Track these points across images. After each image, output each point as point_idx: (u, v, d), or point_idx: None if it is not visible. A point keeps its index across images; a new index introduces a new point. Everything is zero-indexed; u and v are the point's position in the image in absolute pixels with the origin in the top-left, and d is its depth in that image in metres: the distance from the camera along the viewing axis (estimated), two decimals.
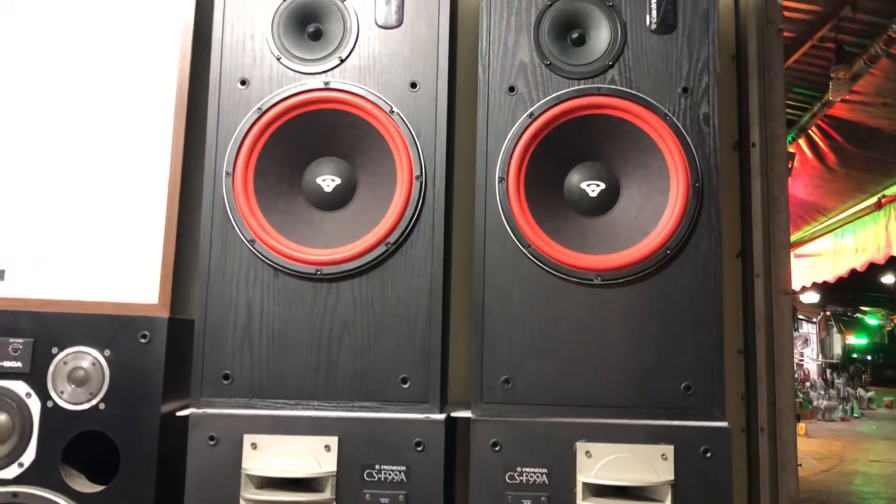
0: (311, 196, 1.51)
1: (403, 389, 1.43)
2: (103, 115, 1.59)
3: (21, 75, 1.60)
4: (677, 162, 1.45)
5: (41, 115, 1.59)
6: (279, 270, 1.46)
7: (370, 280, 1.46)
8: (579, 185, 1.49)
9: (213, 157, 1.49)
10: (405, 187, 1.46)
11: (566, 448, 1.38)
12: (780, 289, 1.71)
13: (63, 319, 1.46)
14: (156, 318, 1.47)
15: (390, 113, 1.47)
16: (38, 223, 1.55)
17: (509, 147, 1.46)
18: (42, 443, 1.43)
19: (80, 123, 1.59)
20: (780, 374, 1.68)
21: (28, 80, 1.60)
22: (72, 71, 1.61)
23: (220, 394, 1.44)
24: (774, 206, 1.73)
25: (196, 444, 1.40)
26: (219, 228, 1.48)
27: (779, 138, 1.76)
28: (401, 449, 1.39)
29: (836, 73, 3.66)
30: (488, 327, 1.43)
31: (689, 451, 1.37)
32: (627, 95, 1.47)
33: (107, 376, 1.45)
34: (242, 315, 1.46)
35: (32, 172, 1.57)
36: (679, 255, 1.44)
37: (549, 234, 1.45)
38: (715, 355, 1.41)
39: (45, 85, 1.60)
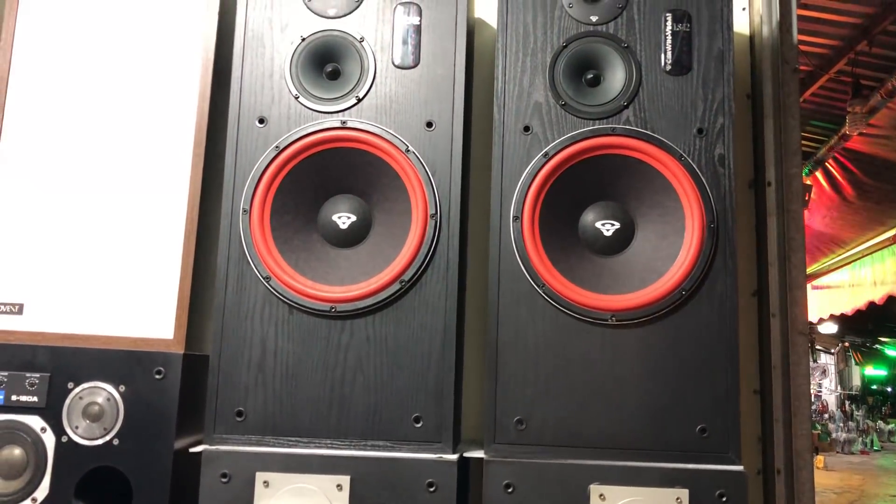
0: (327, 233, 1.52)
1: (416, 429, 1.43)
2: (122, 151, 1.61)
3: (43, 112, 1.63)
4: (692, 202, 1.44)
5: (62, 152, 1.62)
6: (294, 307, 1.47)
7: (384, 318, 1.47)
8: (594, 225, 1.49)
9: (231, 194, 1.51)
10: (420, 225, 1.47)
11: (579, 490, 1.36)
12: (797, 329, 1.69)
13: (79, 354, 1.47)
14: (171, 354, 1.48)
15: (406, 152, 1.49)
16: (56, 258, 1.57)
17: (524, 186, 1.47)
18: (56, 478, 1.44)
19: (99, 159, 1.61)
20: (797, 416, 1.66)
21: (49, 116, 1.63)
22: (92, 108, 1.63)
23: (234, 430, 1.44)
24: (790, 246, 1.73)
25: (208, 482, 1.40)
26: (235, 265, 1.49)
27: (794, 177, 1.76)
28: (413, 489, 1.38)
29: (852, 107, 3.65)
30: (502, 367, 1.43)
31: (704, 494, 1.35)
32: (642, 136, 1.47)
33: (121, 412, 1.45)
34: (257, 351, 1.46)
35: (52, 207, 1.59)
36: (694, 297, 1.43)
37: (564, 274, 1.45)
38: (730, 397, 1.40)
39: (66, 121, 1.63)
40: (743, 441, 1.41)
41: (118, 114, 1.63)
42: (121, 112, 1.63)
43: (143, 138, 1.62)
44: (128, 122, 1.63)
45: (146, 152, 1.61)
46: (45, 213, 1.59)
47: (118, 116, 1.63)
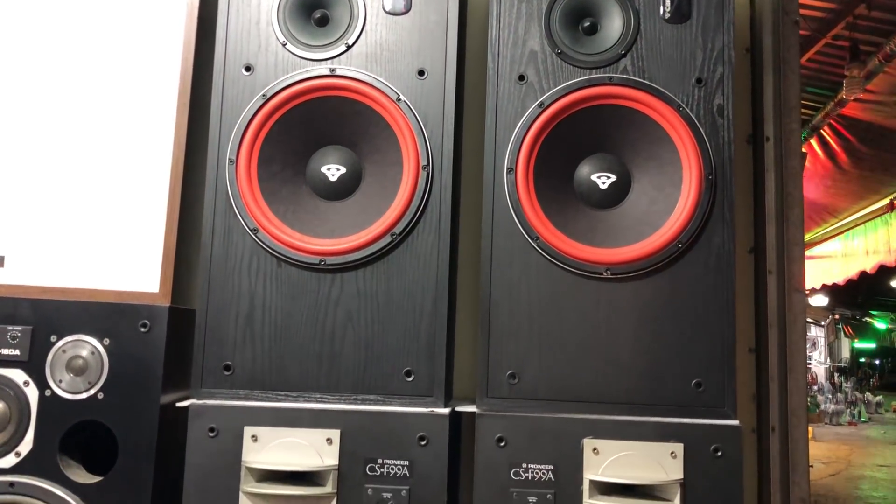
0: (316, 185, 1.48)
1: (407, 383, 1.40)
2: (106, 103, 1.57)
3: (24, 63, 1.58)
4: (690, 154, 1.41)
5: (43, 103, 1.57)
6: (282, 260, 1.44)
7: (375, 271, 1.44)
8: (589, 177, 1.46)
9: (217, 145, 1.46)
10: (411, 177, 1.43)
11: (573, 445, 1.35)
12: (794, 286, 1.67)
13: (62, 307, 1.44)
14: (156, 307, 1.44)
15: (397, 101, 1.45)
16: (38, 210, 1.53)
17: (518, 137, 1.43)
18: (40, 432, 1.41)
19: (82, 110, 1.56)
20: (793, 374, 1.64)
21: (31, 69, 1.58)
22: (74, 59, 1.58)
23: (221, 385, 1.42)
24: (788, 202, 1.70)
25: (196, 436, 1.38)
26: (221, 217, 1.45)
27: (793, 133, 1.73)
28: (404, 443, 1.36)
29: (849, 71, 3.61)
30: (495, 321, 1.40)
31: (699, 449, 1.34)
32: (640, 85, 1.43)
33: (106, 365, 1.42)
34: (244, 305, 1.43)
35: (34, 159, 1.55)
36: (691, 250, 1.41)
37: (558, 227, 1.42)
38: (727, 352, 1.38)
39: (47, 73, 1.58)
40: (738, 400, 1.40)
41: (102, 64, 1.58)
42: (105, 62, 1.58)
43: (127, 88, 1.57)
44: (111, 71, 1.58)
45: (131, 103, 1.56)
46: (26, 164, 1.55)
47: (102, 67, 1.58)
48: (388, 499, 1.34)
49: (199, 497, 1.36)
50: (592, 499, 1.32)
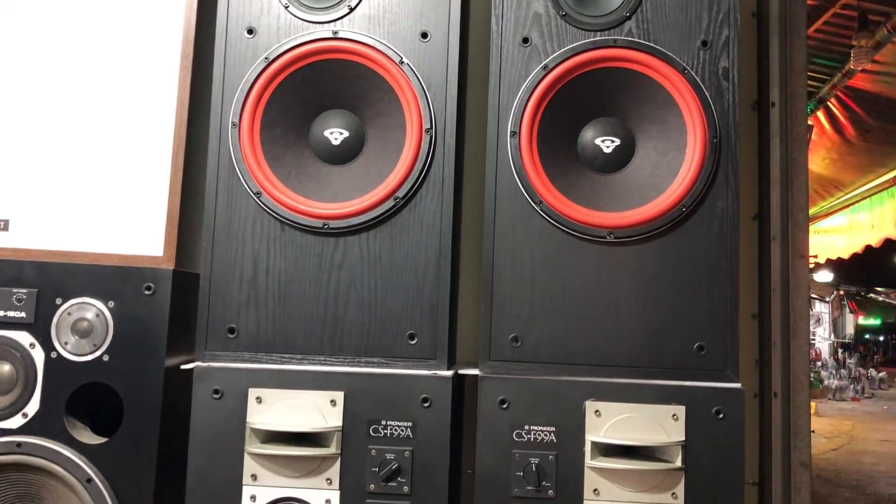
0: (319, 149, 1.48)
1: (411, 346, 1.41)
2: (109, 66, 1.56)
3: (27, 26, 1.57)
4: (695, 117, 1.40)
5: (47, 68, 1.56)
6: (286, 224, 1.44)
7: (378, 235, 1.44)
8: (593, 141, 1.45)
9: (220, 108, 1.46)
10: (415, 141, 1.43)
11: (575, 407, 1.35)
12: (798, 252, 1.67)
13: (67, 270, 1.44)
14: (160, 270, 1.45)
15: (400, 64, 1.44)
16: (43, 174, 1.53)
17: (522, 100, 1.42)
18: (46, 393, 1.42)
19: (85, 74, 1.56)
20: (796, 339, 1.64)
21: (34, 32, 1.57)
22: (77, 22, 1.57)
23: (225, 348, 1.43)
24: (793, 169, 1.69)
25: (200, 398, 1.39)
26: (224, 180, 1.45)
27: (799, 98, 1.72)
28: (407, 405, 1.37)
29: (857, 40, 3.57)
30: (498, 284, 1.41)
31: (700, 411, 1.34)
32: (645, 48, 1.42)
33: (111, 328, 1.43)
34: (248, 269, 1.44)
35: (38, 123, 1.55)
36: (694, 214, 1.40)
37: (562, 191, 1.42)
38: (729, 315, 1.38)
39: (50, 35, 1.57)
40: (740, 366, 1.40)
41: (105, 27, 1.57)
42: (106, 25, 1.57)
43: (130, 51, 1.56)
44: (113, 35, 1.57)
45: (133, 66, 1.56)
46: (30, 128, 1.55)
47: (105, 30, 1.57)
48: (391, 459, 1.35)
49: (204, 458, 1.38)
50: (594, 460, 1.33)
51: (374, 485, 1.35)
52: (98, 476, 1.39)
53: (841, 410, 11.54)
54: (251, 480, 1.36)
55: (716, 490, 1.32)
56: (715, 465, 1.33)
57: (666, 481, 1.33)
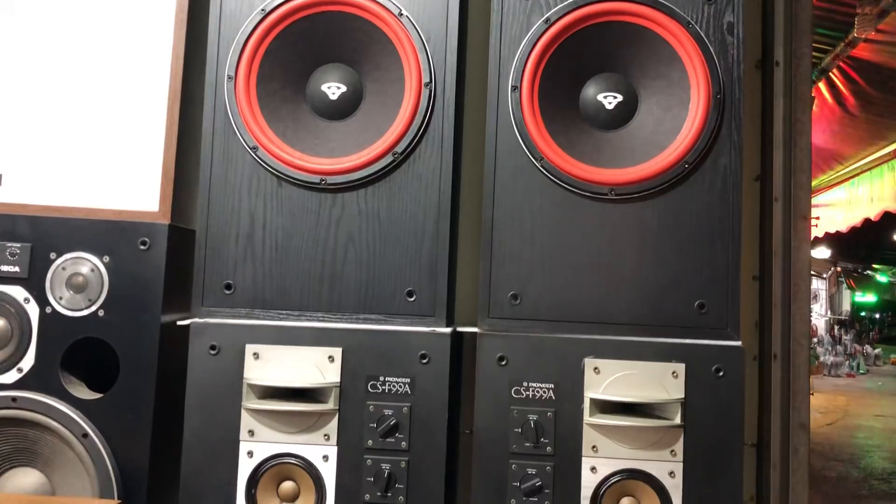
0: (316, 104, 1.45)
1: (409, 303, 1.40)
2: (103, 19, 1.53)
3: None
4: (698, 72, 1.38)
5: (41, 20, 1.53)
6: (282, 179, 1.42)
7: (376, 191, 1.42)
8: (595, 97, 1.43)
9: (215, 61, 1.44)
10: (414, 95, 1.41)
11: (574, 364, 1.34)
12: (800, 213, 1.65)
13: (61, 224, 1.42)
14: (156, 225, 1.43)
15: (399, 16, 1.41)
16: (36, 128, 1.51)
17: (523, 54, 1.40)
18: (41, 348, 1.41)
19: (79, 28, 1.53)
20: (796, 300, 1.63)
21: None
22: None
23: (222, 304, 1.41)
24: (797, 128, 1.67)
25: (197, 353, 1.38)
26: (220, 134, 1.43)
27: (804, 58, 1.69)
28: (406, 361, 1.36)
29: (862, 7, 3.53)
30: (497, 241, 1.39)
31: (700, 369, 1.33)
32: (649, 2, 1.39)
33: (106, 283, 1.41)
34: (245, 224, 1.42)
35: (31, 77, 1.52)
36: (697, 170, 1.38)
37: (563, 147, 1.40)
38: (730, 273, 1.37)
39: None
40: (740, 328, 1.39)
41: None
42: None
43: (124, 3, 1.53)
44: None
45: (127, 18, 1.53)
46: (22, 81, 1.52)
47: None
48: (389, 415, 1.34)
49: (201, 414, 1.37)
50: (593, 417, 1.32)
51: (372, 441, 1.34)
52: (94, 431, 1.38)
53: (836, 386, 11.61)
54: (248, 436, 1.36)
55: (715, 447, 1.32)
56: (714, 423, 1.32)
57: (665, 439, 1.32)
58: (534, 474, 1.32)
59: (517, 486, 1.32)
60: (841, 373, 13.26)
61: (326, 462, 1.35)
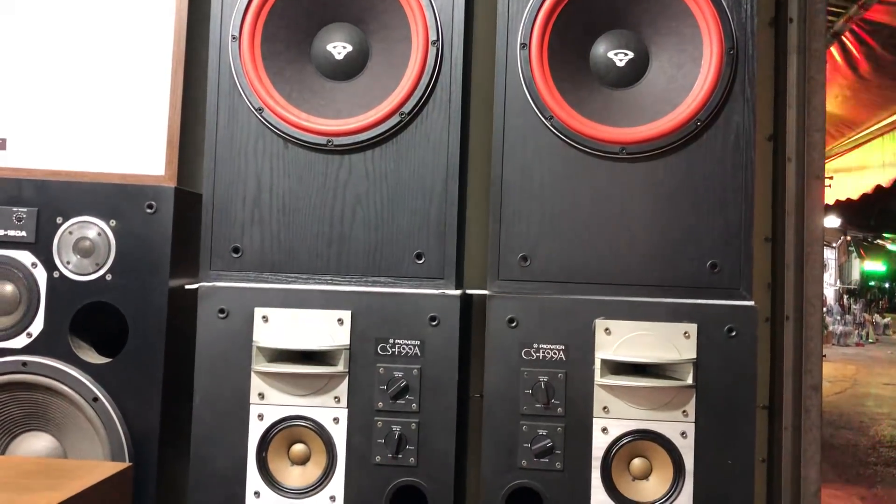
0: (322, 64, 1.43)
1: (418, 265, 1.39)
2: None
3: None
4: (711, 27, 1.35)
5: None
6: (289, 141, 1.40)
7: (384, 152, 1.40)
8: (606, 54, 1.40)
9: (219, 21, 1.41)
10: (420, 54, 1.38)
11: (585, 325, 1.33)
12: (814, 173, 1.63)
13: (67, 188, 1.41)
14: (162, 188, 1.42)
15: None
16: (40, 92, 1.49)
17: (532, 11, 1.37)
18: (49, 313, 1.41)
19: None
20: (809, 261, 1.61)
21: None
22: None
23: (230, 267, 1.40)
24: (811, 86, 1.64)
25: (205, 317, 1.37)
26: (225, 96, 1.41)
27: (818, 13, 1.66)
28: (415, 323, 1.35)
29: None
30: (507, 202, 1.37)
31: (713, 329, 1.32)
32: None
33: (113, 247, 1.41)
34: (252, 187, 1.41)
35: (35, 40, 1.50)
36: (710, 128, 1.36)
37: (573, 105, 1.38)
38: (744, 233, 1.35)
39: None
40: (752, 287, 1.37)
41: None
42: None
43: None
44: None
45: None
46: (26, 45, 1.50)
47: None
48: (399, 377, 1.33)
49: (211, 377, 1.37)
50: (604, 378, 1.31)
51: (382, 403, 1.34)
52: (104, 395, 1.39)
53: (845, 355, 11.61)
54: (258, 399, 1.36)
55: (728, 408, 1.31)
56: (727, 384, 1.31)
57: (677, 399, 1.31)
58: (545, 435, 1.32)
59: (528, 447, 1.32)
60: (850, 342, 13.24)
61: (337, 424, 1.34)
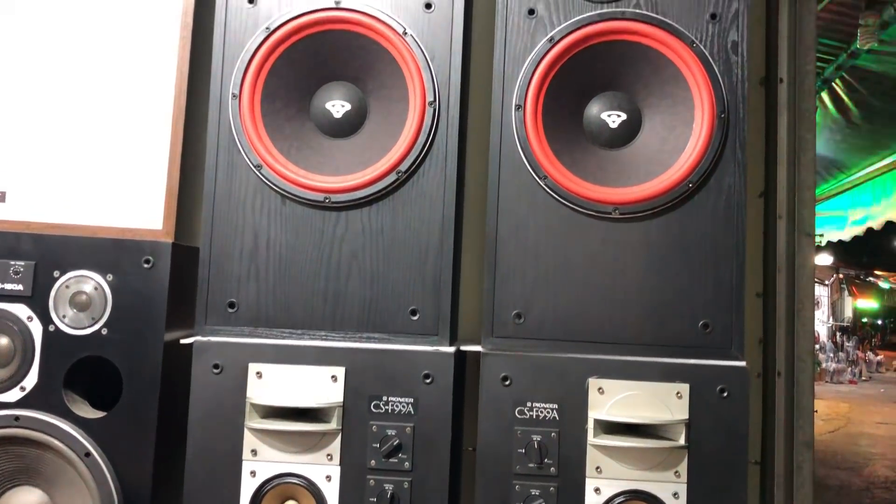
0: (321, 122, 1.45)
1: (413, 321, 1.40)
2: (108, 35, 1.54)
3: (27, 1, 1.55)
4: (703, 91, 1.38)
5: (45, 37, 1.54)
6: (287, 197, 1.42)
7: (380, 209, 1.42)
8: (599, 116, 1.43)
9: (220, 79, 1.44)
10: (418, 113, 1.41)
11: (578, 384, 1.34)
12: (804, 230, 1.65)
13: (65, 242, 1.42)
14: (159, 243, 1.43)
15: (403, 35, 1.41)
16: (40, 144, 1.51)
17: (527, 73, 1.40)
18: (44, 367, 1.41)
19: (84, 42, 1.53)
20: (800, 318, 1.63)
21: (33, 4, 1.54)
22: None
23: (225, 322, 1.41)
24: (801, 145, 1.67)
25: (200, 372, 1.37)
26: (224, 152, 1.43)
27: (808, 74, 1.69)
28: (409, 381, 1.35)
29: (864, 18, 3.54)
30: (501, 260, 1.39)
31: (705, 390, 1.33)
32: (652, 20, 1.39)
33: (109, 301, 1.41)
34: (249, 242, 1.42)
35: (36, 93, 1.52)
36: (701, 189, 1.38)
37: (567, 166, 1.40)
38: (735, 293, 1.37)
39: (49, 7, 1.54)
40: (744, 345, 1.38)
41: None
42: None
43: (129, 20, 1.53)
44: (113, 3, 1.54)
45: (132, 35, 1.53)
46: (28, 98, 1.52)
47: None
48: (392, 435, 1.34)
49: (204, 433, 1.37)
50: (597, 438, 1.32)
51: (375, 461, 1.34)
52: (96, 450, 1.38)
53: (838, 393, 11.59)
54: (251, 456, 1.35)
55: (720, 469, 1.31)
56: (719, 444, 1.32)
57: (669, 460, 1.32)
58: (537, 495, 1.32)
59: None
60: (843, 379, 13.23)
61: (329, 482, 1.34)
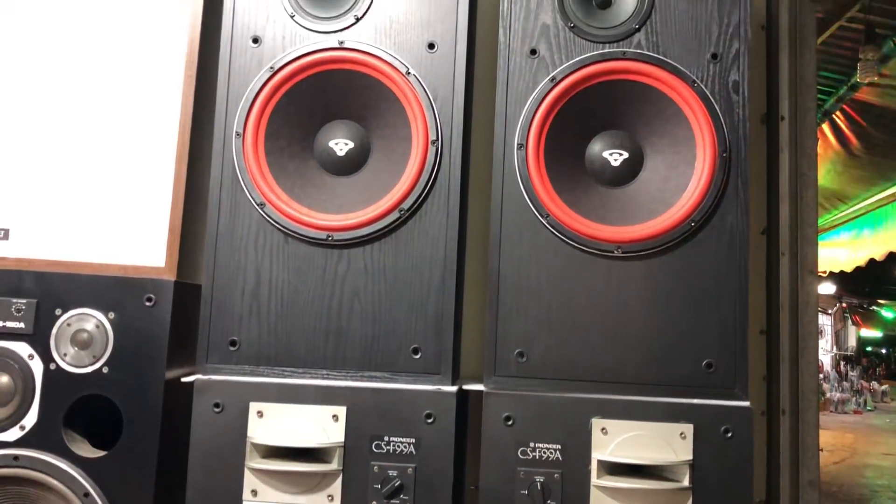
0: (324, 160, 1.46)
1: (414, 360, 1.39)
2: (113, 75, 1.55)
3: (29, 34, 1.56)
4: (704, 131, 1.39)
5: (49, 74, 1.55)
6: (289, 235, 1.42)
7: (383, 247, 1.42)
8: (601, 154, 1.44)
9: (224, 117, 1.44)
10: (420, 152, 1.41)
11: (581, 424, 1.33)
12: (807, 268, 1.65)
13: (67, 280, 1.42)
14: (161, 281, 1.43)
15: (406, 74, 1.42)
16: (43, 182, 1.52)
17: (529, 112, 1.41)
18: (44, 406, 1.40)
19: (88, 82, 1.55)
20: (804, 356, 1.62)
21: (36, 39, 1.56)
22: (81, 28, 1.56)
23: (227, 360, 1.41)
24: (803, 183, 1.67)
25: (201, 411, 1.37)
26: (228, 190, 1.43)
27: (809, 112, 1.70)
28: (411, 421, 1.35)
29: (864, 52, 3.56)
30: (503, 298, 1.39)
31: (709, 430, 1.32)
32: (654, 60, 1.40)
33: (111, 339, 1.41)
34: (251, 280, 1.42)
35: (39, 130, 1.53)
36: (703, 228, 1.38)
37: (569, 204, 1.40)
38: (738, 333, 1.36)
39: (52, 43, 1.56)
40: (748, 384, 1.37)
41: (107, 33, 1.56)
42: (110, 31, 1.56)
43: (133, 59, 1.55)
44: (117, 42, 1.56)
45: (136, 73, 1.54)
46: (31, 135, 1.53)
47: (107, 36, 1.56)
48: (393, 476, 1.32)
49: (204, 473, 1.36)
50: (600, 479, 1.31)
51: (377, 502, 1.33)
52: (96, 490, 1.37)
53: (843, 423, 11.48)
54: (251, 496, 1.34)
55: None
56: (723, 485, 1.31)
57: (673, 501, 1.30)
58: None
59: None
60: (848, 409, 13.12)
61: None
